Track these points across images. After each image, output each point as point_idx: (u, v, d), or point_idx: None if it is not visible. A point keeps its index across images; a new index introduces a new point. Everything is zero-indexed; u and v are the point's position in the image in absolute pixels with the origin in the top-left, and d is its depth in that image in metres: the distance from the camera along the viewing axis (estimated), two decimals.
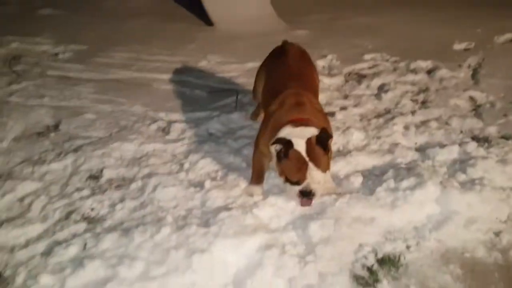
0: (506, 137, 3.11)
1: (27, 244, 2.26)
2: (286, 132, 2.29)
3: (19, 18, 5.28)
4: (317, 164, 2.22)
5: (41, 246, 2.24)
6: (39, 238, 2.30)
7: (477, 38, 4.83)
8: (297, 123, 2.32)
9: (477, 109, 3.54)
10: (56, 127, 3.23)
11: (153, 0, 5.98)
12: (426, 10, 5.65)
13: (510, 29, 5.05)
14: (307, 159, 2.21)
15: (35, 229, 2.35)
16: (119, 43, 4.63)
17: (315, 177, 2.22)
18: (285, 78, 2.71)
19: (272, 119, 2.49)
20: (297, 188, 2.26)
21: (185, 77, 3.95)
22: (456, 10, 5.67)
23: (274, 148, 2.30)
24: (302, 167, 2.21)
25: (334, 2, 5.89)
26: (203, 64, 4.18)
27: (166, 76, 3.95)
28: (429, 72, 4.12)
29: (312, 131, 2.26)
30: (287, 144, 2.21)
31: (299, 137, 2.23)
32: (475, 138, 3.12)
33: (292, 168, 2.24)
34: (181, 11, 5.59)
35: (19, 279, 2.04)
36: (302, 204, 2.34)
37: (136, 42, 4.64)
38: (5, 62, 4.15)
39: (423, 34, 4.91)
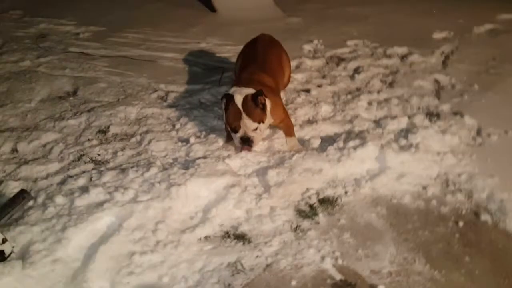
0: (455, 113, 3.58)
1: (47, 176, 2.91)
2: (232, 90, 2.92)
3: (47, 2, 5.91)
4: (249, 114, 2.84)
5: (57, 178, 2.87)
6: (56, 173, 2.94)
7: (457, 28, 5.19)
8: (241, 84, 2.94)
9: (438, 90, 4.00)
10: (74, 92, 3.87)
11: None
12: (414, 2, 6.03)
13: (490, 20, 5.40)
14: (241, 110, 2.83)
15: (54, 166, 2.99)
16: (132, 25, 5.23)
17: (247, 124, 2.84)
18: (250, 61, 3.32)
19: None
20: (237, 136, 2.89)
21: (185, 56, 4.54)
22: (443, 2, 6.02)
23: (222, 103, 2.91)
24: (237, 116, 2.84)
25: None
26: (202, 45, 4.75)
27: (170, 55, 4.54)
28: (403, 57, 4.58)
29: (250, 91, 2.88)
30: (230, 98, 2.83)
31: (239, 93, 2.86)
32: (428, 114, 3.60)
33: (230, 117, 2.87)
34: None
35: (40, 199, 2.68)
36: (243, 150, 2.96)
37: (147, 25, 5.24)
38: (35, 39, 4.81)
39: (406, 23, 5.32)
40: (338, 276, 2.30)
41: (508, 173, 2.92)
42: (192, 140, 3.21)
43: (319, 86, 4.02)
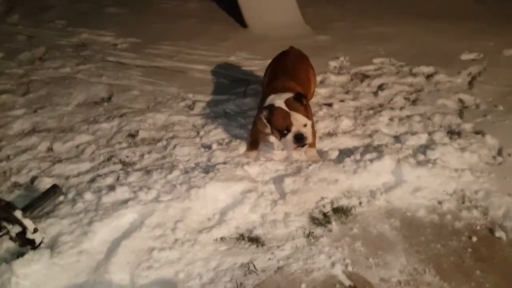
0: (477, 132, 3.58)
1: (78, 174, 3.11)
2: (269, 99, 3.00)
3: (89, 14, 6.27)
4: (297, 111, 2.89)
5: (87, 177, 3.07)
6: (87, 172, 3.13)
7: (487, 50, 5.15)
8: (277, 91, 3.02)
9: (462, 110, 4.01)
10: (109, 99, 4.11)
11: (201, 5, 6.82)
12: (443, 23, 6.01)
13: None
14: (288, 110, 2.89)
15: (85, 166, 3.19)
16: (167, 38, 5.49)
17: (299, 119, 2.87)
18: (280, 72, 3.41)
19: (261, 102, 3.18)
20: (290, 135, 2.88)
21: (214, 68, 4.73)
22: (474, 23, 5.97)
23: (264, 116, 2.98)
24: (286, 116, 2.88)
25: (356, 13, 6.42)
26: (231, 59, 4.94)
27: (200, 67, 4.74)
28: (429, 76, 4.61)
29: (289, 95, 2.96)
30: (271, 107, 2.90)
31: (279, 99, 2.93)
32: (450, 132, 3.62)
33: (279, 119, 2.89)
34: (222, 15, 6.39)
35: (70, 195, 2.87)
36: (298, 149, 2.96)
37: (181, 39, 5.49)
38: (75, 48, 5.14)
39: (434, 44, 5.33)
40: (348, 282, 2.37)
41: None
42: (214, 146, 3.35)
43: (342, 101, 4.10)
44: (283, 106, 2.91)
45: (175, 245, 2.53)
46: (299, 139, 2.90)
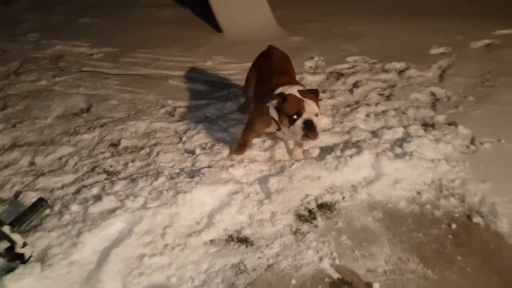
0: (450, 123, 3.73)
1: (62, 187, 3.10)
2: (279, 90, 2.90)
3: (63, 26, 6.20)
4: (310, 99, 2.81)
5: (72, 188, 3.06)
6: (71, 183, 3.13)
7: (455, 44, 5.37)
8: (285, 83, 2.95)
9: (435, 102, 4.16)
10: (88, 109, 4.10)
11: (175, 12, 6.85)
12: (414, 20, 6.20)
13: (486, 36, 5.57)
14: (299, 96, 2.81)
15: (69, 177, 3.19)
16: (143, 46, 5.49)
17: (312, 106, 2.76)
18: (271, 73, 3.32)
19: (266, 96, 3.01)
20: (300, 121, 2.75)
21: (192, 73, 4.77)
22: (444, 20, 6.18)
23: (272, 105, 2.86)
24: (299, 101, 2.78)
25: (329, 12, 6.56)
26: (208, 63, 4.99)
27: (178, 73, 4.77)
28: (401, 72, 4.76)
29: (299, 87, 2.91)
30: (283, 95, 2.80)
31: (290, 90, 2.86)
32: (424, 124, 3.75)
33: (291, 104, 2.77)
34: (197, 20, 6.43)
35: (56, 208, 2.86)
36: (310, 138, 2.79)
37: (157, 46, 5.50)
38: (51, 60, 5.09)
39: (405, 40, 5.51)
40: (336, 275, 2.45)
41: (500, 178, 3.06)
42: (197, 151, 3.39)
43: (319, 100, 4.17)
44: (296, 93, 2.84)
45: (165, 250, 2.56)
46: (309, 126, 2.76)
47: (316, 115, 2.84)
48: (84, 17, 6.50)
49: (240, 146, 3.32)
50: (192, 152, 3.40)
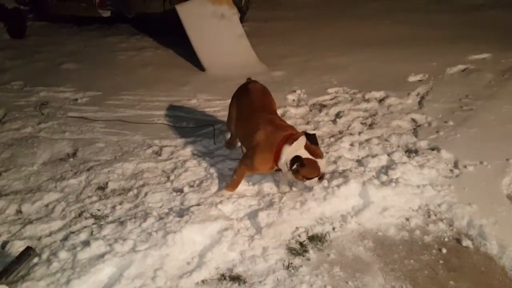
0: (432, 148, 3.82)
1: (50, 234, 3.05)
2: (289, 151, 2.99)
3: (46, 73, 6.22)
4: (320, 156, 3.04)
5: (60, 235, 3.01)
6: (59, 230, 3.08)
7: (431, 71, 5.54)
8: (289, 140, 3.03)
9: (416, 128, 4.26)
10: (74, 154, 4.08)
11: (156, 53, 6.98)
12: (388, 49, 6.41)
13: (462, 61, 5.77)
14: (313, 158, 2.99)
15: (56, 224, 3.13)
16: (127, 88, 5.54)
17: (323, 163, 3.06)
18: (252, 110, 3.35)
19: (265, 145, 3.09)
20: (316, 178, 3.08)
21: (177, 112, 4.82)
22: (418, 47, 6.41)
23: (294, 170, 2.99)
24: (315, 165, 3.00)
25: (308, 47, 6.76)
26: (193, 102, 5.05)
27: (163, 112, 4.81)
28: (381, 100, 4.88)
29: (303, 140, 3.02)
30: (299, 159, 2.95)
31: (300, 149, 2.99)
32: (407, 151, 3.83)
33: (311, 170, 3.01)
34: (179, 60, 6.54)
35: (44, 256, 2.81)
36: (319, 183, 3.18)
37: (141, 87, 5.56)
38: (36, 107, 5.09)
39: (382, 69, 5.67)
40: None
41: (485, 200, 3.12)
42: (186, 189, 3.39)
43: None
44: (307, 154, 2.98)
45: None
46: (322, 178, 3.15)
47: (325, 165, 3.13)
48: (67, 63, 6.56)
49: (233, 182, 3.32)
50: (181, 191, 3.40)
